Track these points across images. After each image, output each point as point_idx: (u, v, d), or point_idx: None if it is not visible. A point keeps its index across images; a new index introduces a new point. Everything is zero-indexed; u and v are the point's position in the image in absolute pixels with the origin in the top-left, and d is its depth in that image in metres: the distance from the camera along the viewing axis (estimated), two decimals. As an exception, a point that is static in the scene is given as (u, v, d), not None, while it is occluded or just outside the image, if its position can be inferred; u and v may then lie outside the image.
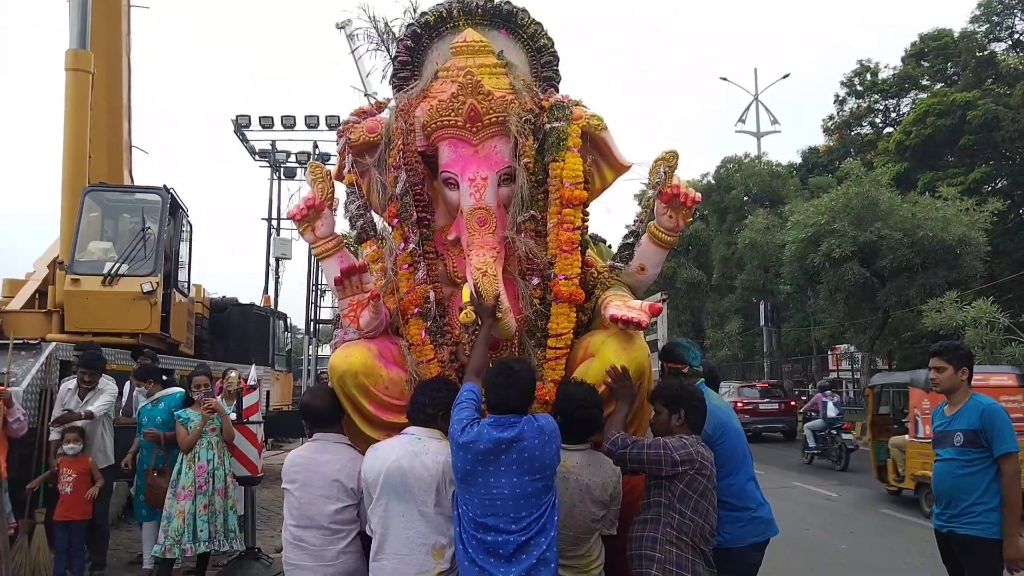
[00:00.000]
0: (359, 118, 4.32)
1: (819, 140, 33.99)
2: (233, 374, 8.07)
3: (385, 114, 4.27)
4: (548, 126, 3.96)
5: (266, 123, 27.56)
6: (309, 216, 4.09)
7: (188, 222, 11.58)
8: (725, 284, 29.67)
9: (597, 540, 3.59)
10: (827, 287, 21.51)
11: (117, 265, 9.63)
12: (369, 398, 3.79)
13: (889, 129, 29.61)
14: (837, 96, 31.46)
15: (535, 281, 3.93)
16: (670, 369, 4.19)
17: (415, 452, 3.44)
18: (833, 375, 31.22)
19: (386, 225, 4.20)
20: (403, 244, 4.05)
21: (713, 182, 30.89)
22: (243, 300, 15.89)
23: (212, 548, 6.17)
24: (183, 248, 11.34)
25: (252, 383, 7.20)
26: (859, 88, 30.71)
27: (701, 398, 3.58)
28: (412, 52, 4.33)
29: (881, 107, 30.69)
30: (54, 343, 8.27)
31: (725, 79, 34.16)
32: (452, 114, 3.90)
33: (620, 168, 4.16)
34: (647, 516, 3.38)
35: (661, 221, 3.98)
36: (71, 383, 7.06)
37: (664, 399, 3.56)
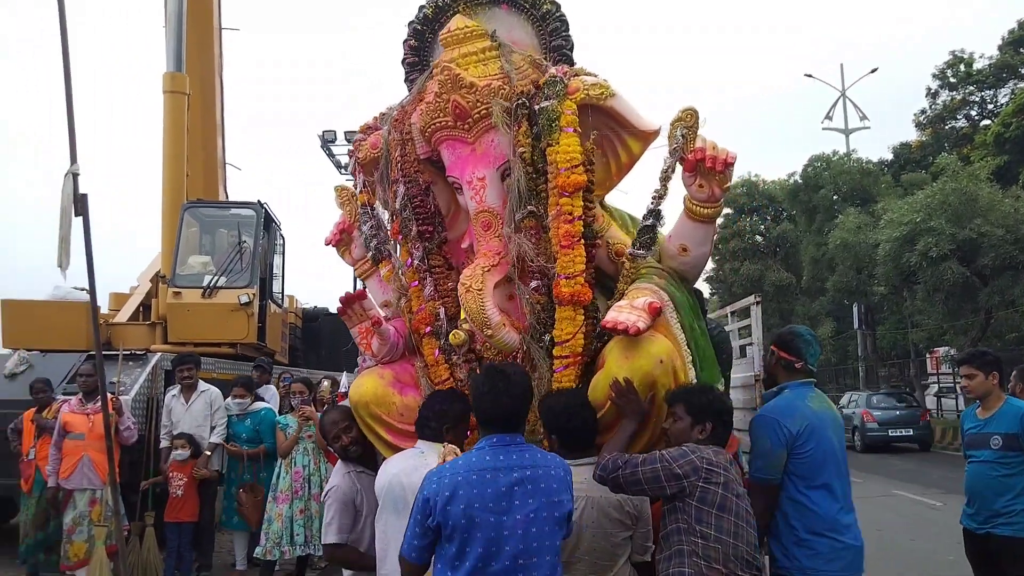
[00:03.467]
0: (364, 135, 4.13)
1: (911, 135, 32.75)
2: (326, 383, 8.27)
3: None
4: (538, 107, 3.52)
5: (351, 137, 28.13)
6: (343, 240, 4.13)
7: (281, 235, 11.93)
8: (815, 286, 28.88)
9: (625, 567, 3.17)
10: (925, 287, 20.70)
11: (215, 278, 9.99)
12: (384, 426, 3.72)
13: (986, 122, 28.33)
14: (929, 89, 30.27)
15: (533, 284, 3.55)
16: (780, 360, 3.61)
17: (415, 467, 3.28)
18: (933, 379, 29.98)
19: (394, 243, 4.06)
20: (409, 260, 3.89)
21: (800, 181, 30.10)
22: (334, 310, 16.19)
23: (308, 552, 6.33)
24: (276, 260, 11.67)
25: (344, 390, 7.36)
26: (952, 80, 29.49)
27: (731, 411, 3.18)
28: (418, 51, 3.99)
29: (977, 99, 29.35)
30: (159, 353, 8.64)
31: (810, 75, 33.32)
32: (441, 114, 3.61)
33: (645, 136, 3.62)
34: (668, 551, 2.92)
35: (692, 192, 3.41)
36: (175, 390, 7.36)
37: (689, 405, 3.08)
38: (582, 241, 3.47)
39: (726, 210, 36.57)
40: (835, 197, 28.72)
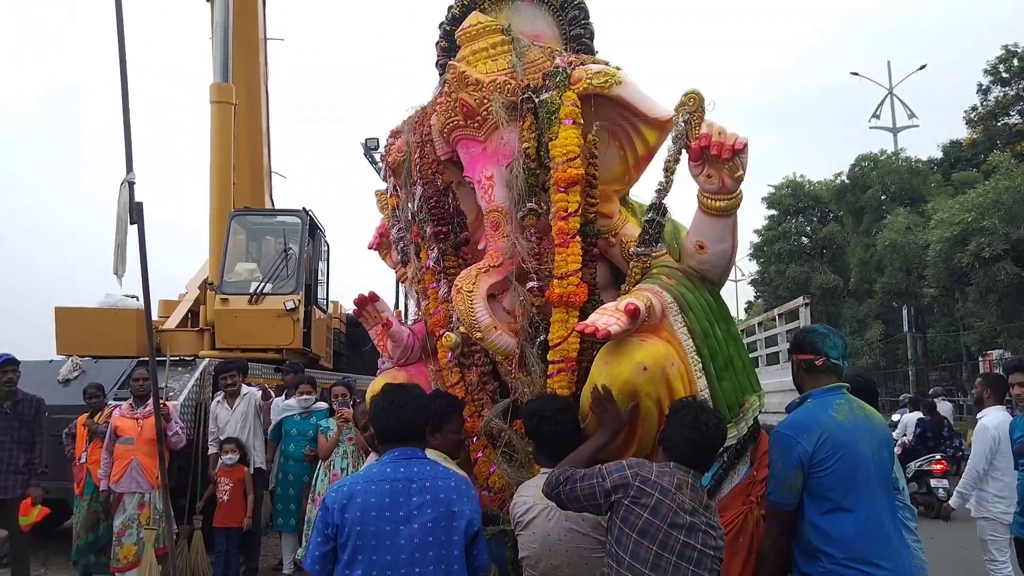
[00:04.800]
0: (394, 139, 4.09)
1: (961, 133, 31.99)
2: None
3: None
4: (538, 99, 3.39)
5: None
6: (383, 243, 4.14)
7: (326, 242, 12.04)
8: (863, 288, 28.43)
9: None
10: (977, 289, 20.27)
11: (262, 284, 10.09)
12: None
13: (1041, 117, 27.64)
14: (980, 85, 29.53)
15: (530, 284, 3.42)
16: (800, 364, 3.24)
17: None
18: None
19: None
20: (428, 263, 3.84)
21: (848, 181, 29.67)
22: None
23: None
24: (321, 266, 11.76)
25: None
26: (1005, 75, 28.71)
27: (691, 424, 2.74)
28: (448, 52, 3.87)
29: (1031, 94, 28.66)
30: (207, 359, 8.76)
31: (856, 74, 32.75)
32: (453, 114, 3.56)
33: (660, 124, 3.37)
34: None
35: (701, 184, 3.11)
36: (220, 396, 7.49)
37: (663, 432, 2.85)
38: (577, 239, 3.31)
39: (770, 211, 36.25)
40: (883, 197, 28.27)
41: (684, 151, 3.15)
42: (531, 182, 3.43)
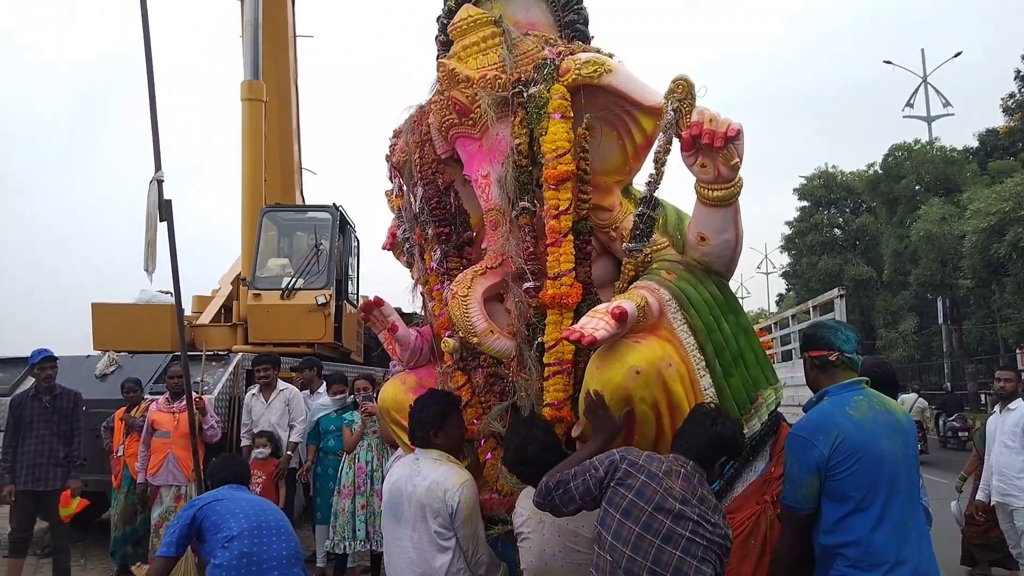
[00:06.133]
0: (396, 139, 3.99)
1: (998, 121, 31.36)
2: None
3: None
4: (526, 94, 3.24)
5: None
6: (396, 244, 4.08)
7: (356, 237, 12.11)
8: (897, 280, 28.06)
9: None
10: (1015, 280, 19.95)
11: (294, 280, 10.19)
12: (404, 431, 3.67)
13: (1080, 104, 27.04)
14: (1018, 72, 28.89)
15: (526, 285, 3.28)
16: (813, 361, 3.05)
17: (410, 474, 3.32)
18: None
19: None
20: (432, 264, 3.76)
21: (881, 171, 29.24)
22: (407, 310, 16.38)
23: (368, 548, 6.41)
24: (351, 261, 11.84)
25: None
26: (1043, 61, 28.21)
27: (701, 419, 2.75)
28: (447, 46, 3.68)
29: (1070, 80, 28.06)
30: (240, 354, 8.87)
31: (889, 62, 32.29)
32: (447, 112, 3.44)
33: (656, 111, 3.16)
34: None
35: (696, 174, 2.96)
36: (254, 389, 7.56)
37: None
38: (570, 238, 3.17)
39: (802, 203, 35.86)
40: (917, 187, 27.85)
41: (678, 139, 2.97)
42: (524, 180, 3.30)
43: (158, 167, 5.51)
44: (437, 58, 3.78)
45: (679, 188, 3.27)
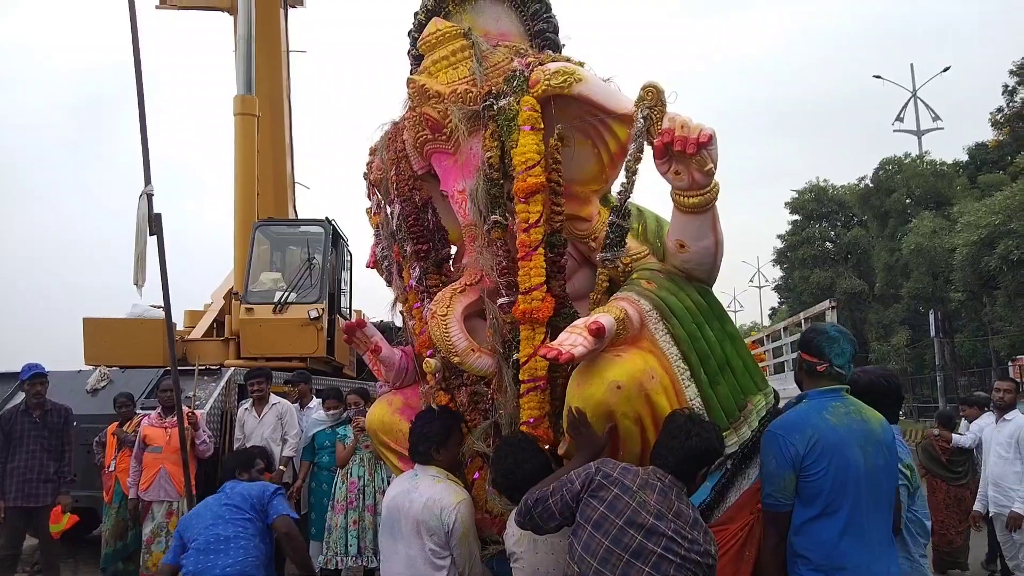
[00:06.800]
0: (373, 156, 3.92)
1: (987, 135, 31.62)
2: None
3: None
4: (496, 107, 3.19)
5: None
6: (378, 261, 4.01)
7: (348, 251, 12.09)
8: (889, 293, 28.15)
9: None
10: (1005, 292, 20.01)
11: (286, 294, 10.18)
12: (393, 454, 3.69)
13: (1069, 118, 27.26)
14: (1006, 87, 29.12)
15: (500, 301, 3.21)
16: (803, 363, 3.09)
17: (408, 490, 3.30)
18: None
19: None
20: (411, 282, 3.70)
21: (872, 185, 29.42)
22: (400, 324, 16.29)
23: (360, 563, 6.38)
24: (344, 275, 11.81)
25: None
26: (1031, 76, 28.44)
27: (675, 431, 2.69)
28: (420, 60, 3.59)
29: (1058, 94, 28.27)
30: (232, 368, 8.82)
31: (879, 77, 32.49)
32: (420, 128, 3.39)
33: (628, 119, 3.08)
34: None
35: (669, 182, 2.91)
36: (247, 403, 7.52)
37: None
38: (541, 251, 3.07)
39: (794, 216, 36.01)
40: (908, 201, 28.02)
41: (650, 147, 2.92)
42: (495, 193, 3.21)
43: (148, 181, 5.51)
44: (410, 73, 3.69)
45: (661, 195, 3.22)
